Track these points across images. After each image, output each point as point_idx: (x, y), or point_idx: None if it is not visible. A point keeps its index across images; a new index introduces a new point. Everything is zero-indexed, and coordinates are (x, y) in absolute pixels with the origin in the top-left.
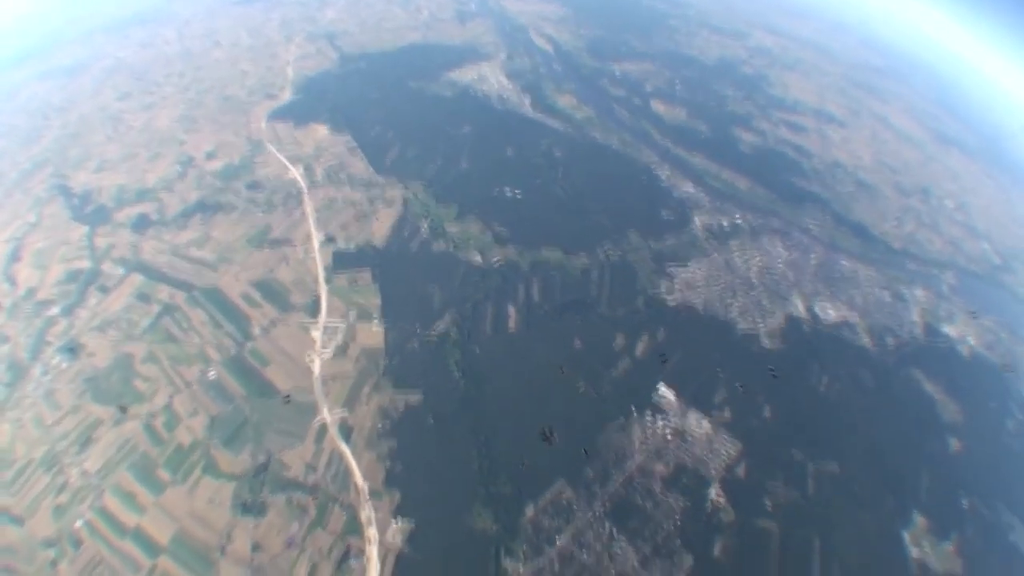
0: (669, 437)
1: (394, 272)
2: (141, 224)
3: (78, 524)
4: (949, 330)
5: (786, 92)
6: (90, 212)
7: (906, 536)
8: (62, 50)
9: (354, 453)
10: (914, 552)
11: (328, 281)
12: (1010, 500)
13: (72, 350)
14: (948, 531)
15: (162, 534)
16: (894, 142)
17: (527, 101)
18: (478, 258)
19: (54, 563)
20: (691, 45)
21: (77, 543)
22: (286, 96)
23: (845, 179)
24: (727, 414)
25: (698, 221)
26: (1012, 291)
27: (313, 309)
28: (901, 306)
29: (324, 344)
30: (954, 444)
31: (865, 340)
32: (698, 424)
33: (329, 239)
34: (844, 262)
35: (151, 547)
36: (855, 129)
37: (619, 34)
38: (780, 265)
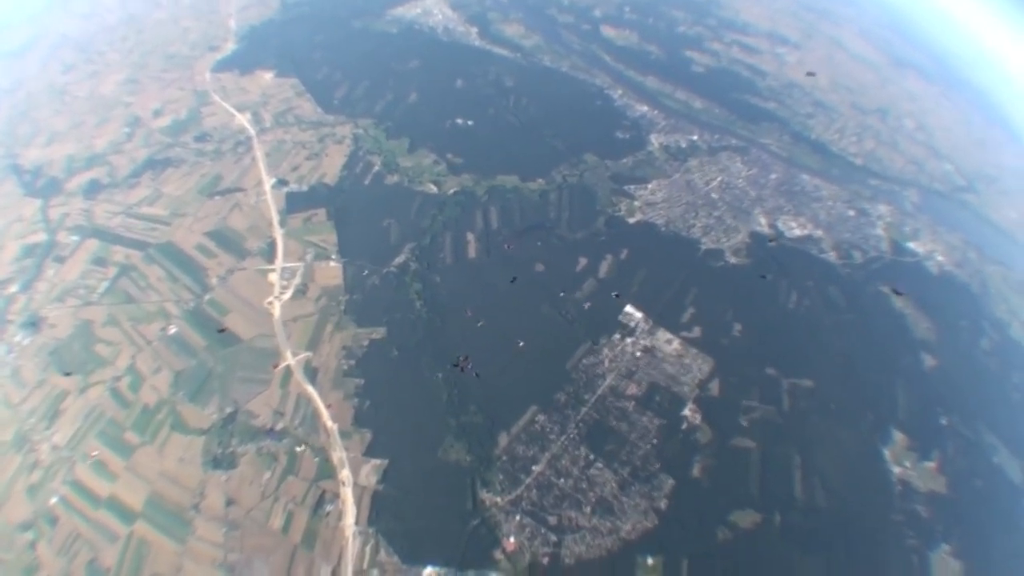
0: (639, 355)
1: (349, 209)
2: (92, 189)
3: (53, 501)
4: (915, 246)
5: (736, 15)
6: (42, 185)
7: (887, 453)
8: (5, 35)
9: (321, 395)
10: (896, 470)
11: (283, 224)
12: (990, 420)
13: (33, 324)
14: (929, 449)
15: (135, 499)
16: (849, 64)
17: (474, 32)
18: (433, 189)
19: (32, 545)
20: None
21: (53, 521)
22: (229, 47)
23: (802, 99)
24: (696, 332)
25: (655, 141)
26: (977, 211)
27: (269, 253)
28: (865, 221)
29: (283, 287)
30: (928, 361)
31: (831, 255)
32: (668, 343)
33: (281, 182)
34: (805, 178)
35: (126, 514)
36: (809, 51)
37: None
38: (740, 182)
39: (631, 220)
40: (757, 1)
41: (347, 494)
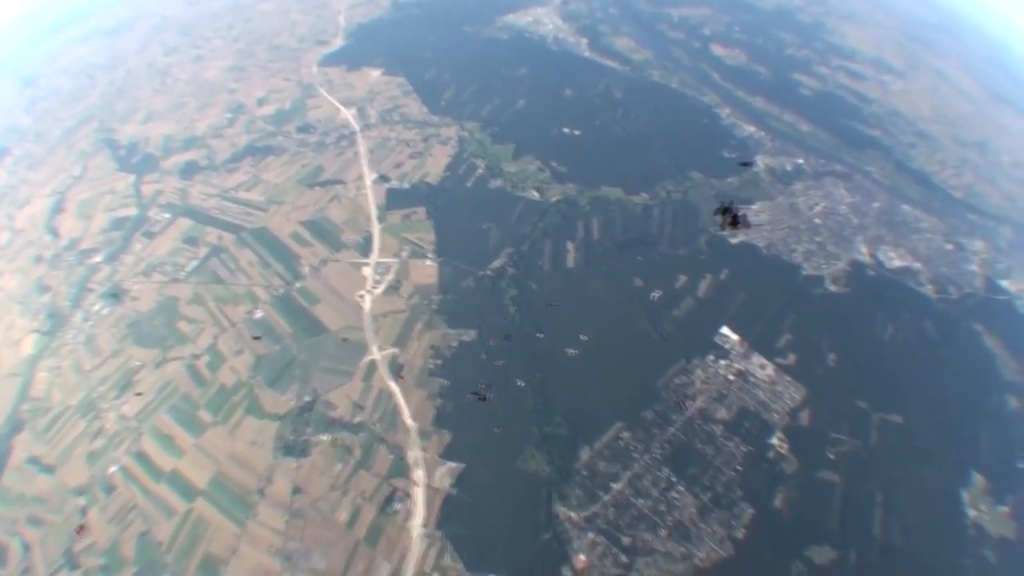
0: (731, 379)
1: (449, 210)
2: (189, 170)
3: (112, 470)
4: (1007, 284)
5: (843, 40)
6: (137, 162)
7: (965, 496)
8: (104, 12)
9: (403, 392)
10: (972, 513)
11: (381, 219)
12: None
13: (115, 295)
14: (1005, 494)
15: (200, 477)
16: (951, 96)
17: (584, 43)
18: (536, 195)
19: (84, 510)
20: None
21: (110, 489)
22: (338, 42)
23: (905, 128)
24: (791, 359)
25: (761, 162)
26: None
27: (365, 247)
28: (961, 257)
29: (376, 282)
30: (1013, 402)
31: (928, 289)
32: (761, 368)
33: (382, 178)
34: (907, 208)
35: (188, 491)
36: (913, 80)
37: None
38: (843, 209)
39: (733, 240)
40: (863, 28)
41: (418, 495)
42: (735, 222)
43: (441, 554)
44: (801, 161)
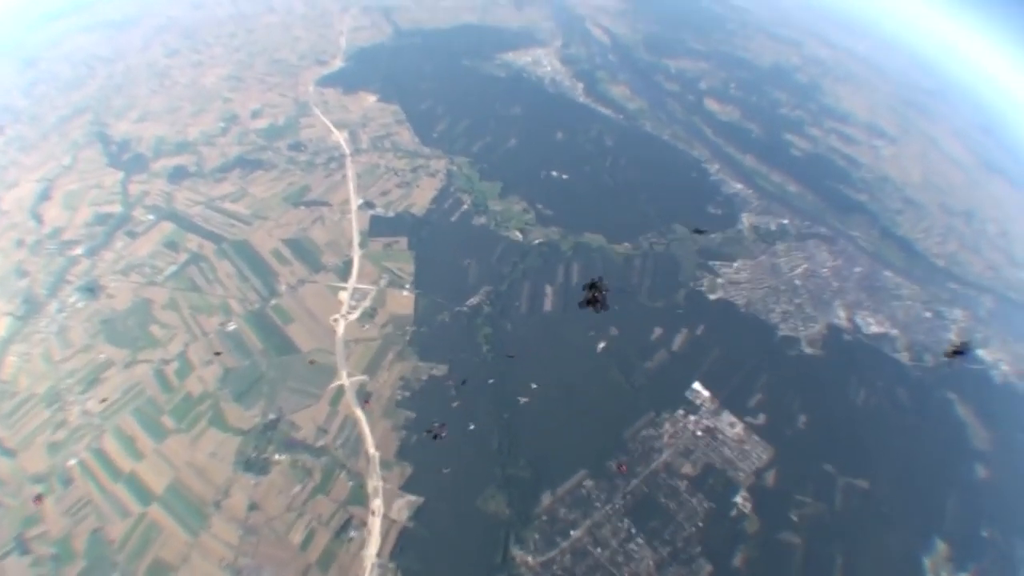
0: (699, 435)
1: (431, 242)
2: (178, 175)
3: (72, 463)
4: (984, 354)
5: (838, 103)
6: (127, 159)
7: (927, 562)
8: (110, 5)
9: (369, 420)
10: None
11: (362, 245)
12: None
13: (91, 290)
14: (967, 561)
15: (157, 482)
16: (942, 163)
17: (580, 87)
18: (518, 236)
19: (40, 498)
20: (747, 49)
21: (67, 481)
22: (337, 64)
23: (893, 194)
24: (761, 419)
25: (746, 220)
26: None
27: (344, 271)
28: (940, 325)
29: (351, 307)
30: (981, 471)
31: (904, 356)
32: (731, 426)
33: (368, 204)
34: (888, 275)
35: (144, 494)
36: (905, 146)
37: (676, 32)
38: (825, 272)
39: (712, 296)
40: (859, 90)
41: (375, 524)
42: (592, 301)
43: None
44: (786, 221)
